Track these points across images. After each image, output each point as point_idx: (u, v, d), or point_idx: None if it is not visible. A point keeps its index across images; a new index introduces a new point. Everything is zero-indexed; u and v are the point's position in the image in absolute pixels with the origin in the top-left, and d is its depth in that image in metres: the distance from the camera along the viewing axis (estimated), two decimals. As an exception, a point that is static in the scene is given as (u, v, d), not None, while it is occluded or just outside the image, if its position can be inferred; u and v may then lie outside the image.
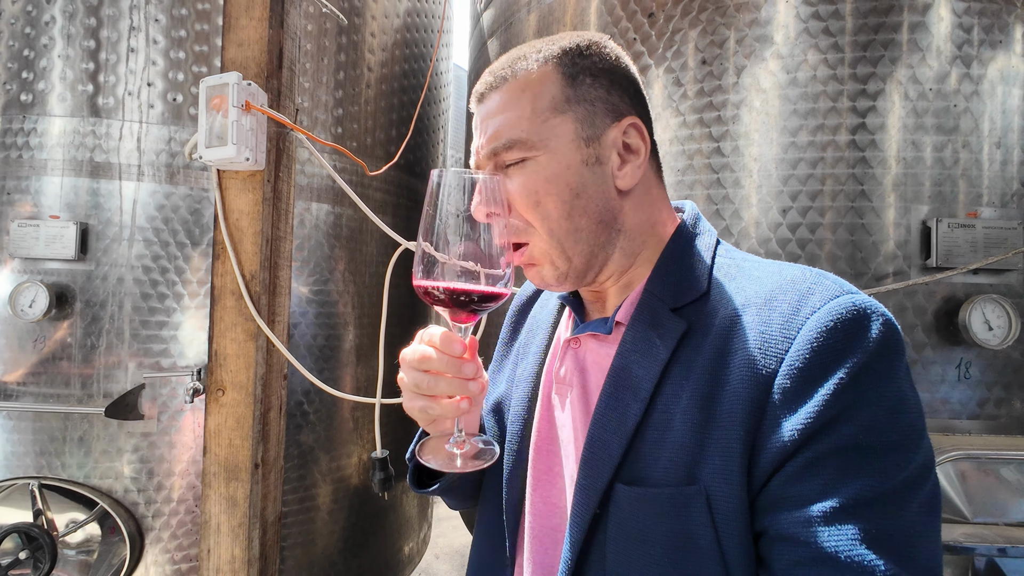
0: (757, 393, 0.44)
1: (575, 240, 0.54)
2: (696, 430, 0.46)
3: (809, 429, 0.42)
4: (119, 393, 1.59)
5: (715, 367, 0.47)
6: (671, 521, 0.46)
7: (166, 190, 1.65)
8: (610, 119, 0.54)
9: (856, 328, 0.43)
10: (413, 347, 0.53)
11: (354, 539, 2.06)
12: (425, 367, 0.51)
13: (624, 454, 0.50)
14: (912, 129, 1.28)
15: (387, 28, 2.16)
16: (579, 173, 0.53)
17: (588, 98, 0.53)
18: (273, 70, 1.12)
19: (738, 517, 0.44)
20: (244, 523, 1.08)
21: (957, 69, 1.29)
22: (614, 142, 0.54)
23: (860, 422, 0.41)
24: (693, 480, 0.46)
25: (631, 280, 0.59)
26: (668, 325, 0.52)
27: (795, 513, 0.42)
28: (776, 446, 0.43)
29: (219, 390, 1.09)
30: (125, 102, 1.63)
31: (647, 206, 0.58)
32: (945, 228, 1.22)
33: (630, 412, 0.50)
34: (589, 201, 0.53)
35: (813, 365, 0.43)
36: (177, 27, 1.66)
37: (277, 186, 1.14)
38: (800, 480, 0.42)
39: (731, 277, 0.53)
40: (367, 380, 2.09)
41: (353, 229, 2.02)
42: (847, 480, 0.41)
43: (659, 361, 0.50)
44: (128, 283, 1.61)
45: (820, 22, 1.31)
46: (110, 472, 1.60)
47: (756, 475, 0.44)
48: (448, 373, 0.51)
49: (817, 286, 0.47)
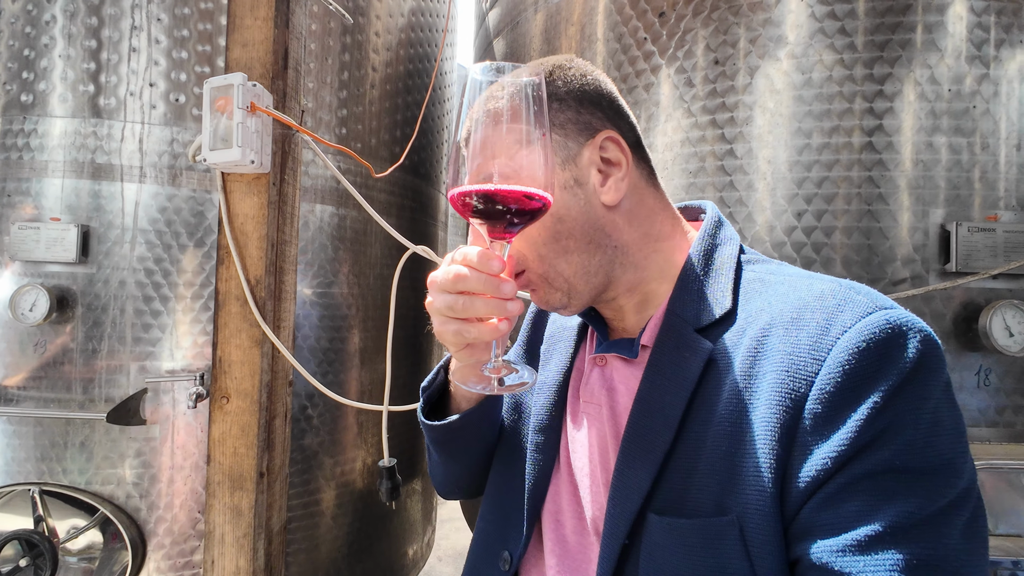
0: (787, 419, 0.43)
1: (567, 262, 0.54)
2: (725, 458, 0.45)
3: (842, 456, 0.40)
4: (121, 398, 1.57)
5: (743, 391, 0.46)
6: (703, 553, 0.44)
7: (168, 192, 1.63)
8: (584, 137, 0.54)
9: (890, 348, 0.41)
10: (444, 267, 0.50)
11: (358, 544, 2.04)
12: (460, 287, 0.48)
13: (654, 483, 0.48)
14: (930, 131, 1.25)
15: (391, 28, 2.14)
16: (558, 198, 0.52)
17: (558, 123, 0.53)
18: (278, 71, 1.10)
19: (773, 548, 0.42)
20: (249, 533, 1.05)
21: (976, 69, 1.26)
22: (591, 160, 0.54)
23: (896, 446, 0.40)
24: (724, 510, 0.44)
25: (647, 296, 0.57)
26: (694, 347, 0.50)
27: (828, 541, 0.40)
28: (808, 474, 0.41)
29: (223, 397, 1.07)
30: (127, 103, 1.61)
31: (643, 218, 0.57)
32: (965, 232, 1.20)
33: (659, 440, 0.49)
34: (573, 224, 0.53)
35: (845, 389, 0.41)
36: (180, 26, 1.63)
37: (283, 189, 1.12)
38: (833, 506, 0.40)
39: (757, 292, 0.51)
40: (371, 384, 2.06)
41: (357, 231, 2.00)
42: (883, 506, 0.39)
43: (687, 387, 0.49)
44: (130, 286, 1.59)
45: (836, 21, 1.29)
46: (112, 478, 1.58)
47: (788, 504, 0.43)
48: (486, 293, 0.48)
49: (847, 302, 0.44)
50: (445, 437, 0.67)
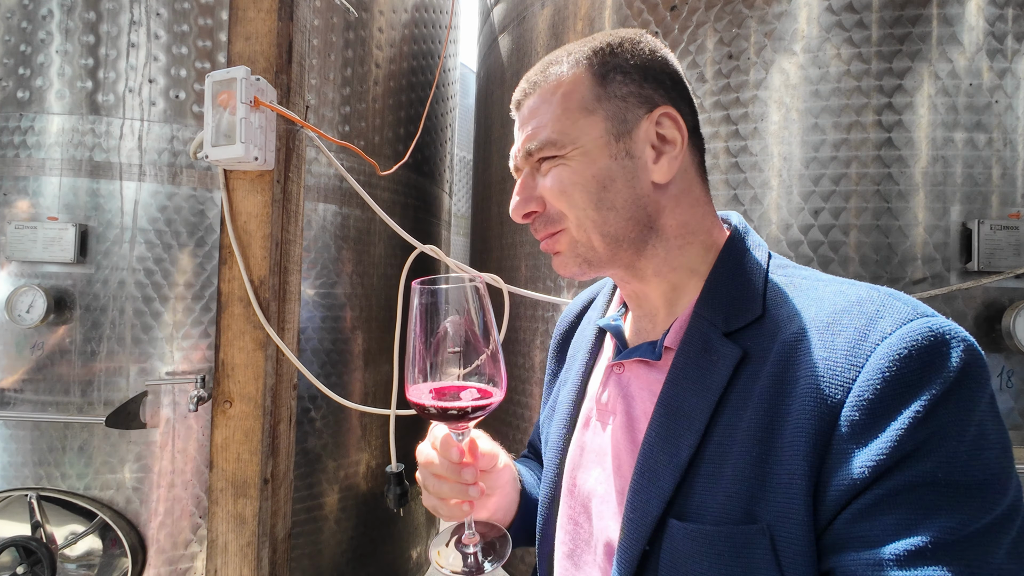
0: (821, 425, 0.41)
1: (602, 232, 0.53)
2: (755, 464, 0.43)
3: (881, 466, 0.38)
4: (120, 401, 1.54)
5: (774, 397, 0.44)
6: (731, 562, 0.42)
7: (168, 190, 1.59)
8: (642, 111, 0.54)
9: (933, 356, 0.39)
10: (422, 447, 0.57)
11: (362, 547, 2.01)
12: (431, 470, 0.56)
13: (676, 488, 0.47)
14: (950, 126, 1.22)
15: (395, 23, 2.11)
16: (607, 168, 0.53)
17: (619, 94, 0.53)
18: (283, 65, 1.06)
19: (804, 559, 0.40)
20: (253, 542, 1.02)
21: (997, 63, 1.23)
22: (646, 134, 0.53)
23: (938, 458, 0.38)
24: (753, 518, 0.42)
25: (677, 290, 0.56)
26: (722, 351, 0.49)
27: (864, 554, 0.38)
28: (844, 483, 0.39)
29: (226, 402, 1.04)
30: (126, 99, 1.57)
31: (688, 206, 0.55)
32: (987, 230, 1.16)
33: (684, 443, 0.47)
34: (617, 195, 0.53)
35: (885, 396, 0.39)
36: (179, 21, 1.60)
37: (287, 187, 1.08)
38: (870, 518, 0.38)
39: (788, 297, 0.50)
40: (375, 385, 2.03)
41: (361, 230, 1.96)
42: (923, 520, 0.37)
43: (714, 390, 0.47)
44: (130, 286, 1.56)
45: (854, 14, 1.25)
46: (111, 483, 1.54)
47: (821, 513, 0.41)
48: (449, 477, 0.54)
49: (887, 308, 0.43)
50: None
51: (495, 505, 0.63)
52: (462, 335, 0.49)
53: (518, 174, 0.59)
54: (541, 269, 1.76)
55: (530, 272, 1.79)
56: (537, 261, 1.78)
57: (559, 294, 1.66)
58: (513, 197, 0.57)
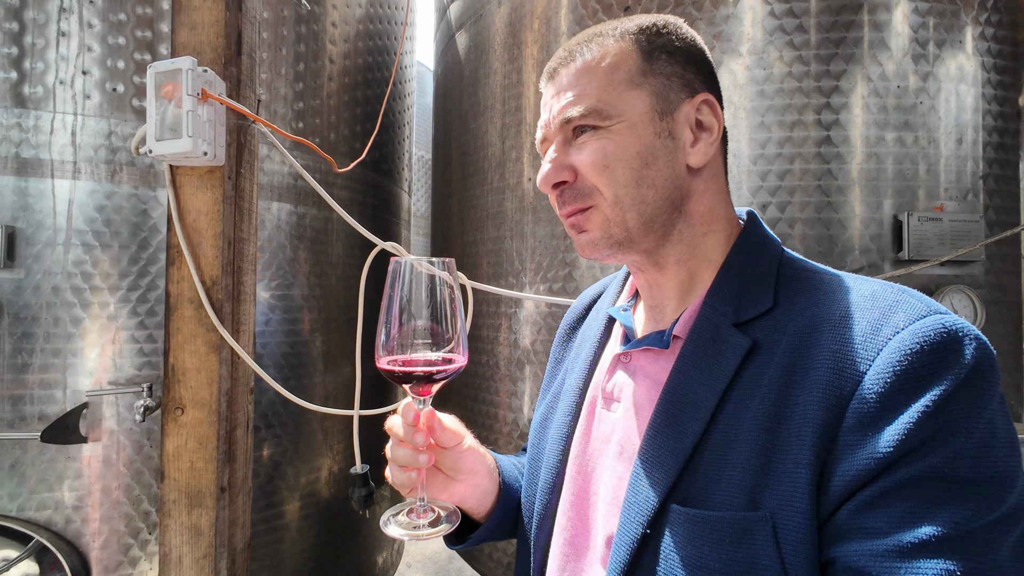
0: (829, 416, 0.41)
1: (639, 212, 0.53)
2: (760, 453, 0.43)
3: (888, 458, 0.38)
4: (57, 415, 1.43)
5: (782, 387, 0.44)
6: (732, 548, 0.42)
7: (107, 189, 1.50)
8: (685, 94, 0.54)
9: (946, 352, 0.40)
10: (391, 418, 0.59)
11: (326, 555, 1.96)
12: (392, 435, 0.57)
13: (679, 473, 0.47)
14: (881, 125, 1.31)
15: (348, 18, 2.06)
16: (651, 144, 0.52)
17: (664, 72, 0.53)
18: (231, 56, 1.02)
19: (807, 548, 0.40)
20: (210, 553, 0.98)
21: (921, 67, 1.33)
22: (687, 117, 0.53)
23: (945, 453, 0.38)
24: (756, 505, 0.43)
25: (692, 278, 0.56)
26: (731, 341, 0.49)
27: (866, 544, 0.38)
28: (849, 473, 0.40)
29: (178, 408, 0.99)
30: (56, 91, 1.47)
31: (714, 193, 0.56)
32: (915, 221, 1.26)
33: (688, 430, 0.47)
34: (658, 173, 0.52)
35: (895, 390, 0.39)
36: (115, 10, 1.51)
37: (239, 183, 1.04)
38: (874, 509, 0.39)
39: (800, 290, 0.50)
40: (336, 388, 1.98)
41: (318, 230, 1.91)
42: (928, 514, 0.37)
43: (722, 379, 0.48)
44: (65, 292, 1.46)
45: (794, 18, 1.33)
46: (48, 502, 1.44)
47: (825, 503, 0.41)
48: (405, 442, 0.56)
49: (900, 304, 0.43)
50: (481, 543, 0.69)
51: (462, 493, 0.63)
52: (429, 308, 0.53)
53: (544, 145, 0.57)
54: (503, 266, 1.76)
55: (492, 269, 1.80)
56: (499, 258, 1.78)
57: (522, 290, 1.68)
58: (543, 165, 0.55)
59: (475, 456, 0.64)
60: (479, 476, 0.64)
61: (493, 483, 0.67)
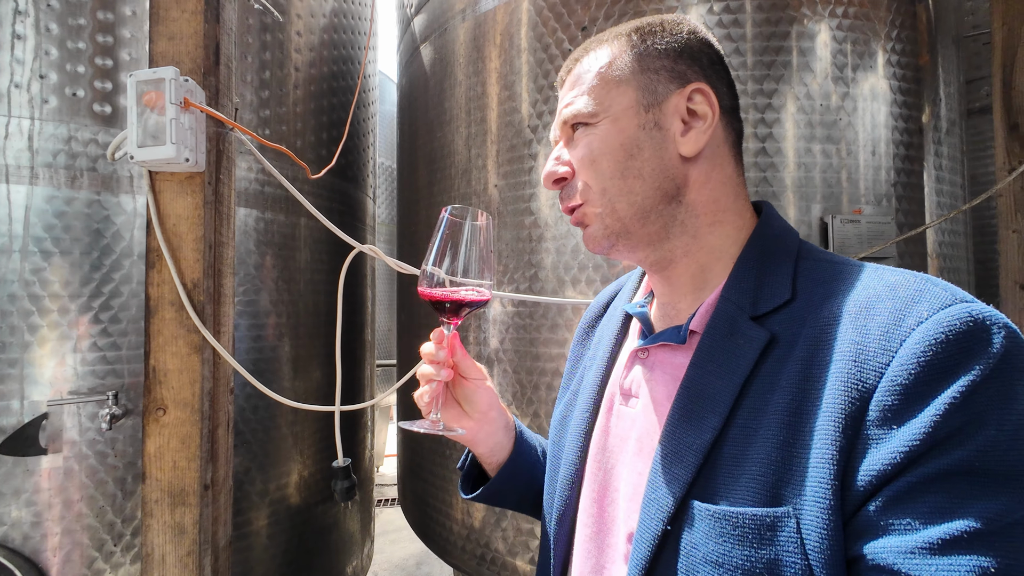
0: (852, 410, 0.40)
1: (629, 202, 0.53)
2: (781, 447, 0.42)
3: (914, 452, 0.37)
4: (14, 427, 1.39)
5: (803, 381, 0.43)
6: (755, 545, 0.41)
7: (67, 195, 1.47)
8: (674, 86, 0.54)
9: (973, 341, 0.38)
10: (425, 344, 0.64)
11: (297, 562, 1.95)
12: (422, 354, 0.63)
13: (698, 469, 0.46)
14: (808, 138, 1.48)
15: (313, 28, 2.09)
16: (634, 136, 0.53)
17: (652, 68, 0.54)
18: (210, 67, 1.06)
19: (831, 544, 0.39)
20: (194, 551, 1.00)
21: (840, 87, 1.51)
22: (676, 108, 0.53)
23: (976, 445, 0.36)
24: (779, 501, 0.42)
25: (705, 272, 0.56)
26: (749, 335, 0.48)
27: (894, 540, 0.36)
28: (874, 468, 0.38)
29: (159, 409, 1.00)
30: (11, 95, 1.44)
31: (719, 183, 0.55)
32: (838, 223, 1.43)
33: (707, 425, 0.47)
34: (644, 163, 0.53)
35: (921, 381, 0.38)
36: (75, 14, 1.49)
37: (218, 189, 1.07)
38: (902, 504, 0.37)
39: (820, 282, 0.48)
40: (307, 392, 1.99)
41: (285, 236, 1.92)
42: (959, 509, 0.35)
43: (740, 373, 0.47)
44: (22, 300, 1.42)
45: (732, 43, 1.48)
46: (4, 517, 1.39)
47: (850, 499, 0.39)
48: (430, 359, 0.63)
49: (924, 292, 0.42)
50: (491, 500, 0.73)
51: (474, 433, 0.67)
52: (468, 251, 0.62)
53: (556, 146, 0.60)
54: (471, 269, 1.83)
55: (461, 272, 1.86)
56: (467, 261, 1.85)
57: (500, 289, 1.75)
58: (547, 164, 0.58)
59: (490, 397, 0.68)
60: (492, 423, 0.68)
61: (509, 439, 0.70)
